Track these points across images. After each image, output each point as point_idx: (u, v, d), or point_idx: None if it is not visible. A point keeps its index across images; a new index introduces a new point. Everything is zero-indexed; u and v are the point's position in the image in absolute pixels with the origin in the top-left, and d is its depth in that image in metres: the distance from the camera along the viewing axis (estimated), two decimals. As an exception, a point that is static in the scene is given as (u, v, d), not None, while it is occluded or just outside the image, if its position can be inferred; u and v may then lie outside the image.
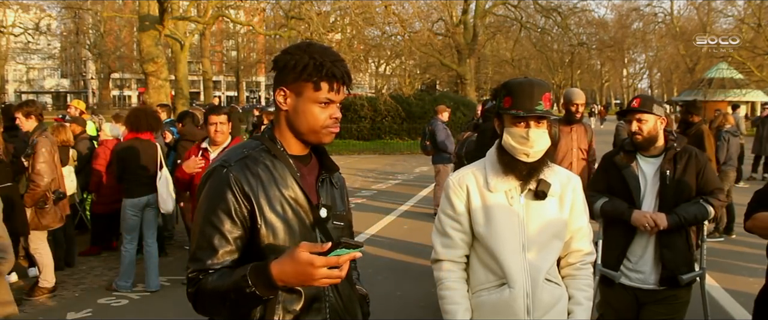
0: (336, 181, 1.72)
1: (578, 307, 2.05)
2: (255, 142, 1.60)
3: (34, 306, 5.10)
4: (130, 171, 5.26)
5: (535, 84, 1.98)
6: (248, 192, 1.48)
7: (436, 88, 34.45)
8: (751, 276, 5.62)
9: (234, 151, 1.57)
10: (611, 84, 59.71)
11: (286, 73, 1.54)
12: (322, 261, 1.31)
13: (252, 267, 1.37)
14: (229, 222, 1.47)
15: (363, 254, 1.47)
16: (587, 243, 2.12)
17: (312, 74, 1.50)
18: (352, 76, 1.59)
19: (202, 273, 1.45)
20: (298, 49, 1.54)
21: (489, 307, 2.00)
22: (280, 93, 1.56)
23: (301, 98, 1.54)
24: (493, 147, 2.08)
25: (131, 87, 63.46)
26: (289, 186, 1.54)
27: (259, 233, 1.49)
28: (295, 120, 1.56)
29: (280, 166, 1.55)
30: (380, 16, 19.76)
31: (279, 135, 1.60)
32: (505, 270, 1.97)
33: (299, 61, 1.51)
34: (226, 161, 1.52)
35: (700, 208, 2.81)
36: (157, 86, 15.23)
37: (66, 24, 40.90)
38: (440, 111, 9.31)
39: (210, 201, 1.49)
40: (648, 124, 2.83)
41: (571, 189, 2.07)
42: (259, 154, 1.55)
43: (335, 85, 1.53)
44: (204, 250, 1.46)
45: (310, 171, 1.63)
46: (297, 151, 1.61)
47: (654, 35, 41.87)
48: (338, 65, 1.53)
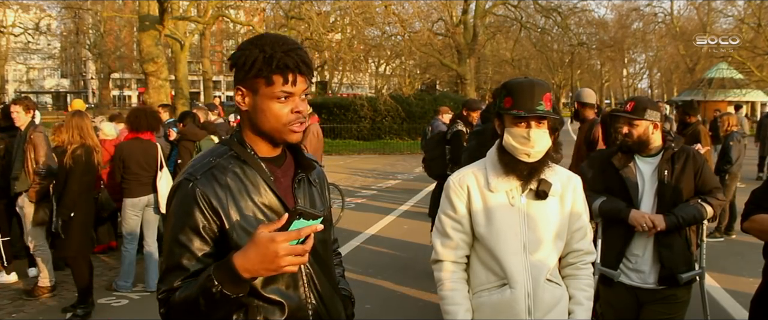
0: (314, 179, 1.61)
1: (579, 307, 2.05)
2: (223, 148, 1.49)
3: (33, 306, 5.11)
4: (130, 171, 5.27)
5: (536, 84, 1.98)
6: (217, 206, 1.39)
7: (436, 88, 34.45)
8: (751, 276, 5.62)
9: (200, 160, 1.47)
10: (611, 84, 59.68)
11: (239, 71, 1.44)
12: (283, 236, 1.24)
13: (215, 266, 1.31)
14: (198, 240, 1.39)
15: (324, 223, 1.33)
16: (587, 243, 2.12)
17: (262, 69, 1.40)
18: (310, 65, 1.47)
19: (171, 292, 1.39)
20: (249, 44, 1.44)
21: (490, 308, 2.00)
22: (238, 93, 1.46)
23: (257, 96, 1.43)
24: (493, 147, 2.08)
25: (131, 87, 63.45)
26: (261, 193, 1.45)
27: (232, 248, 1.38)
28: (257, 119, 1.45)
29: (250, 172, 1.45)
30: (380, 16, 19.76)
31: (247, 137, 1.49)
32: (506, 270, 1.97)
33: (249, 56, 1.41)
34: (191, 174, 1.42)
35: (698, 208, 2.81)
36: (157, 86, 15.22)
37: (66, 24, 40.85)
38: (442, 112, 9.31)
39: (177, 218, 1.40)
40: (638, 129, 2.84)
41: (572, 189, 2.07)
42: (228, 161, 1.45)
43: (290, 76, 1.41)
44: (173, 271, 1.39)
45: (284, 173, 1.54)
46: (268, 152, 1.51)
47: (654, 35, 41.82)
48: (292, 55, 1.41)
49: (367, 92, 36.96)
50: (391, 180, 13.51)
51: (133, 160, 5.25)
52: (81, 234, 4.82)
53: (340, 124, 22.25)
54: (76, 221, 4.75)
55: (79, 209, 4.76)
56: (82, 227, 4.83)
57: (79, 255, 4.84)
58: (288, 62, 1.40)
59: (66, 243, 4.76)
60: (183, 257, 1.38)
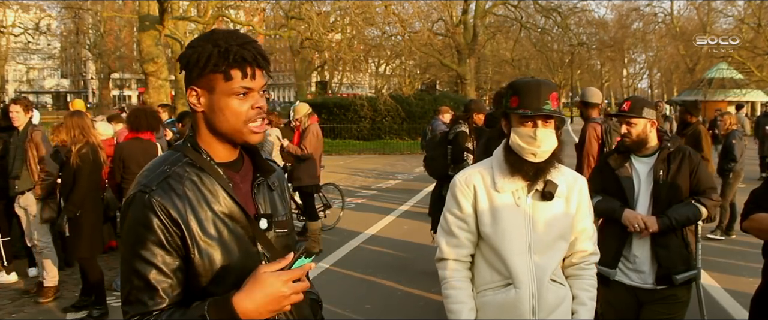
0: (273, 182, 1.51)
1: (582, 307, 2.05)
2: (176, 155, 1.38)
3: (33, 306, 5.11)
4: (130, 171, 5.26)
5: (542, 83, 1.99)
6: (176, 217, 1.29)
7: (436, 88, 34.44)
8: (750, 276, 5.62)
9: (153, 170, 1.35)
10: (611, 84, 59.67)
11: (191, 70, 1.34)
12: (290, 274, 1.21)
13: (210, 304, 1.21)
14: (163, 253, 1.28)
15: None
16: (591, 243, 2.12)
17: (219, 64, 1.31)
18: (267, 58, 1.39)
19: (146, 316, 1.26)
20: (201, 40, 1.35)
21: (494, 307, 2.01)
22: (191, 93, 1.36)
23: (214, 94, 1.34)
24: (499, 146, 2.09)
25: (131, 87, 63.48)
26: (221, 202, 1.34)
27: (193, 262, 1.30)
28: (215, 120, 1.36)
29: (208, 180, 1.35)
30: (380, 16, 19.75)
31: (202, 142, 1.39)
32: (511, 270, 1.98)
33: (202, 52, 1.32)
34: (146, 185, 1.31)
35: (692, 209, 2.81)
36: (157, 86, 15.23)
37: (66, 24, 40.84)
38: (442, 112, 9.33)
39: (136, 234, 1.29)
40: (637, 128, 2.84)
41: (578, 190, 2.07)
42: (183, 169, 1.35)
43: (248, 69, 1.33)
44: (142, 291, 1.26)
45: (243, 178, 1.44)
46: (225, 157, 1.41)
47: (654, 35, 41.84)
48: (248, 47, 1.33)
49: (367, 92, 36.97)
50: (391, 180, 13.51)
51: (133, 160, 5.25)
52: (93, 234, 4.81)
53: (340, 124, 22.26)
54: (87, 221, 4.73)
55: (88, 208, 4.74)
56: (93, 227, 4.81)
57: (93, 256, 4.84)
58: (245, 55, 1.32)
59: (80, 244, 4.73)
60: (150, 273, 1.27)
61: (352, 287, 5.55)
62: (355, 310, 4.90)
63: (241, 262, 1.34)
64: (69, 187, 4.71)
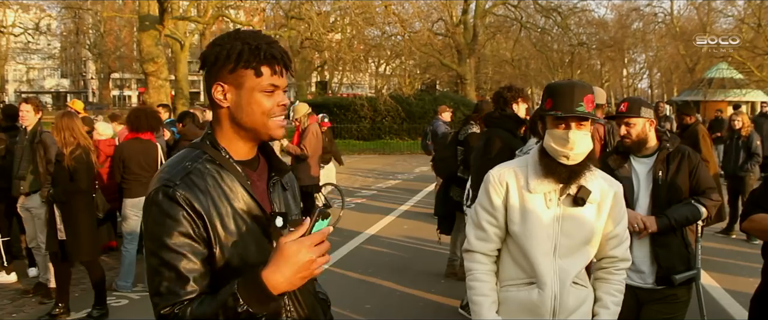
0: (286, 183, 1.56)
1: (604, 310, 2.08)
2: (196, 152, 1.40)
3: (33, 306, 5.11)
4: (130, 171, 5.27)
5: (577, 85, 1.99)
6: (200, 210, 1.31)
7: (436, 88, 34.40)
8: (750, 276, 5.62)
9: (175, 166, 1.37)
10: (611, 84, 59.62)
11: (220, 66, 1.37)
12: (311, 239, 1.22)
13: (240, 283, 1.22)
14: (192, 243, 1.30)
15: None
16: (622, 250, 2.13)
17: (250, 60, 1.35)
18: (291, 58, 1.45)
19: (178, 306, 1.27)
20: (227, 38, 1.39)
21: (516, 303, 2.04)
22: (217, 89, 1.39)
23: (242, 89, 1.37)
24: (535, 148, 2.10)
25: (131, 87, 63.43)
26: (239, 199, 1.38)
27: (214, 256, 1.33)
28: (241, 115, 1.39)
29: (228, 177, 1.38)
30: (380, 16, 19.78)
31: (222, 139, 1.42)
32: (536, 270, 2.00)
33: (232, 49, 1.36)
34: (169, 180, 1.32)
35: (691, 209, 2.80)
36: (157, 86, 15.25)
37: (66, 24, 40.87)
38: (442, 111, 9.33)
39: (164, 225, 1.29)
40: (636, 128, 2.84)
41: (611, 196, 2.07)
42: (203, 165, 1.37)
43: (277, 67, 1.38)
44: (173, 281, 1.28)
45: (259, 177, 1.47)
46: (243, 155, 1.44)
47: (654, 35, 41.79)
48: (275, 46, 1.39)
49: (367, 92, 36.95)
50: (391, 180, 13.51)
51: (133, 160, 5.26)
52: (91, 236, 4.78)
53: (340, 124, 22.24)
54: (83, 223, 4.69)
55: (83, 211, 4.71)
56: (90, 229, 4.79)
57: (93, 259, 4.81)
58: (275, 53, 1.38)
59: (80, 248, 4.69)
60: (180, 263, 1.28)
61: (352, 287, 5.54)
62: (355, 310, 4.90)
63: (258, 258, 1.36)
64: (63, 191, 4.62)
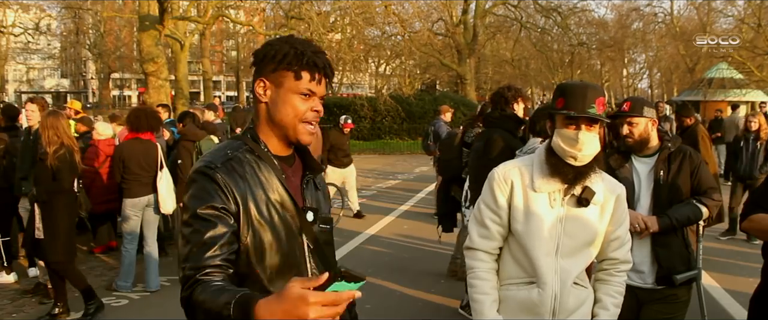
0: (319, 183, 1.65)
1: (604, 311, 2.09)
2: (237, 143, 1.51)
3: (33, 306, 5.11)
4: (130, 171, 5.27)
5: (590, 87, 1.99)
6: (237, 195, 1.41)
7: (436, 88, 34.41)
8: (750, 276, 5.62)
9: (217, 153, 1.48)
10: (611, 84, 59.62)
11: (265, 64, 1.49)
12: (318, 297, 1.10)
13: (236, 301, 1.22)
14: (224, 216, 1.39)
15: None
16: (623, 252, 2.13)
17: (292, 63, 1.45)
18: (333, 71, 1.54)
19: (199, 271, 1.33)
20: (279, 41, 1.50)
21: (516, 302, 2.05)
22: (259, 84, 1.50)
23: (281, 89, 1.48)
24: (542, 147, 2.09)
25: (131, 87, 63.40)
26: (275, 190, 1.47)
27: (244, 240, 1.42)
28: (275, 112, 1.49)
29: (265, 168, 1.48)
30: (380, 16, 19.75)
31: (261, 134, 1.52)
32: (537, 270, 2.00)
33: (279, 50, 1.47)
34: (210, 162, 1.43)
35: (693, 209, 2.80)
36: (157, 86, 15.23)
37: (66, 24, 40.82)
38: (443, 111, 9.33)
39: (201, 198, 1.39)
40: (639, 127, 2.84)
41: (615, 199, 2.08)
42: (243, 154, 1.48)
43: (317, 75, 1.47)
44: (198, 246, 1.35)
45: (294, 173, 1.56)
46: (280, 151, 1.54)
47: (654, 35, 41.77)
48: (320, 56, 1.48)
49: (367, 92, 36.94)
50: (391, 180, 13.52)
51: (133, 160, 5.25)
52: (68, 238, 4.66)
53: (340, 124, 22.21)
54: (62, 224, 4.59)
55: (63, 212, 4.60)
56: (68, 230, 4.67)
57: (68, 260, 4.68)
58: (317, 61, 1.47)
59: (56, 248, 4.57)
60: (208, 231, 1.36)
61: (352, 287, 5.54)
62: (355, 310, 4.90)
63: (287, 248, 1.46)
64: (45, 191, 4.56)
